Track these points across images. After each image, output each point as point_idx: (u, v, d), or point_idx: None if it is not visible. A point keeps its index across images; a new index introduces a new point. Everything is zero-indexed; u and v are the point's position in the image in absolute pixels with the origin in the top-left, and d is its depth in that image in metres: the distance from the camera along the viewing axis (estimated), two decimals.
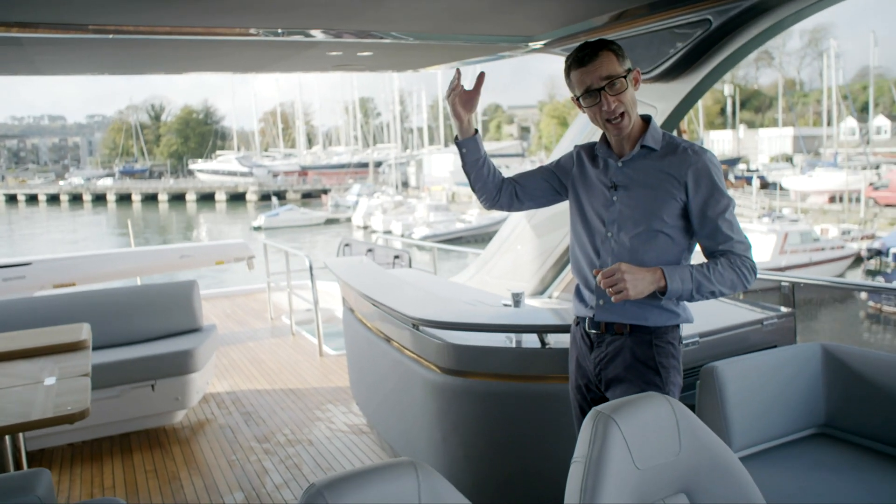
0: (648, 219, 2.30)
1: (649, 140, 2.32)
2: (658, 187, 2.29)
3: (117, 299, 5.41)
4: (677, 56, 3.64)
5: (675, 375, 2.38)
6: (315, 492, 1.41)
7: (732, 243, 2.25)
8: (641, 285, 2.13)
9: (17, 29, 3.07)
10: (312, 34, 3.57)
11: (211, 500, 3.92)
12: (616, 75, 2.22)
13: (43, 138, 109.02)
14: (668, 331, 2.38)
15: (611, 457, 1.70)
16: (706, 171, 2.26)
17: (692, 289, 2.19)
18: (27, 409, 2.75)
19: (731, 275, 2.21)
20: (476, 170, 2.58)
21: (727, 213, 2.26)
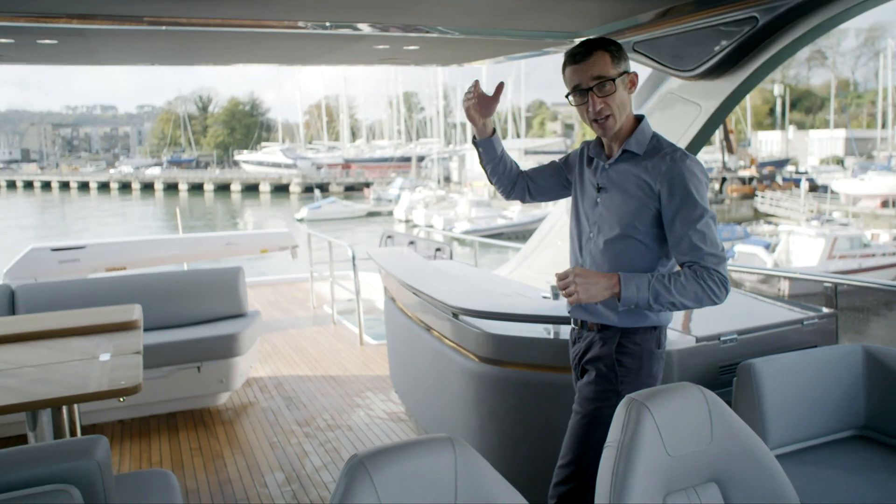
0: (622, 224, 2.30)
1: (632, 144, 2.30)
2: (633, 193, 2.28)
3: (166, 283, 5.58)
4: (722, 54, 3.63)
5: (639, 379, 2.34)
6: (357, 462, 1.49)
7: (702, 255, 2.17)
8: (594, 290, 2.15)
9: (79, 20, 3.21)
10: (360, 28, 3.64)
11: (253, 479, 4.05)
12: (606, 77, 2.21)
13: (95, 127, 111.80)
14: (637, 332, 2.35)
15: (643, 442, 1.74)
16: (681, 178, 2.20)
17: (648, 298, 2.16)
18: (84, 382, 2.89)
19: (695, 287, 2.15)
20: (492, 166, 2.66)
21: (699, 224, 2.18)
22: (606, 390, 2.33)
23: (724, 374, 3.11)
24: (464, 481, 1.55)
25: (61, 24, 3.22)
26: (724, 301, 2.18)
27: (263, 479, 4.04)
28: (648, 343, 2.35)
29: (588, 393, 2.38)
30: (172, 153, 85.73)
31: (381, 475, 1.47)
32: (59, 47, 3.76)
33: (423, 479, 1.51)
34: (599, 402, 2.34)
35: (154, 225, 44.62)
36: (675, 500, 1.81)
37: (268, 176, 62.96)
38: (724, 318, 3.71)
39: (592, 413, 2.35)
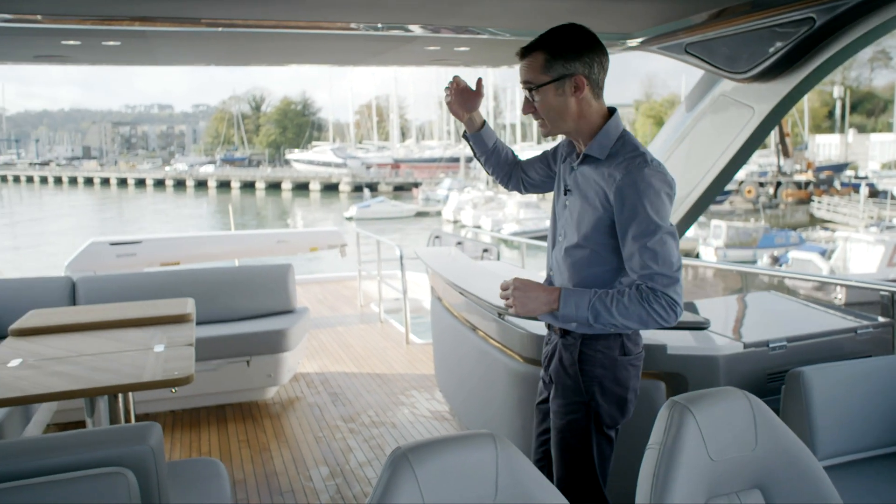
0: (580, 232, 2.19)
1: (593, 147, 2.16)
2: (591, 200, 2.15)
3: (218, 278, 5.71)
4: (777, 55, 3.57)
5: (606, 386, 2.23)
6: (400, 454, 1.52)
7: (652, 274, 2.01)
8: (532, 304, 2.11)
9: (141, 23, 3.33)
10: (411, 29, 3.68)
11: (298, 472, 4.12)
12: (531, 83, 2.14)
13: (152, 126, 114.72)
14: (599, 338, 2.22)
15: (685, 445, 1.73)
16: (635, 189, 2.03)
17: (588, 316, 2.06)
18: (139, 372, 2.99)
19: (639, 310, 2.01)
20: (485, 157, 2.60)
21: (651, 241, 2.01)
22: (574, 402, 2.24)
23: (772, 382, 3.06)
24: (504, 478, 1.57)
25: (124, 26, 3.34)
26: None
27: (308, 473, 4.11)
28: (611, 350, 2.22)
29: (557, 407, 2.30)
30: (226, 151, 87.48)
31: (424, 468, 1.50)
32: (121, 48, 3.89)
33: (464, 473, 1.53)
34: (570, 416, 2.26)
35: (207, 222, 45.59)
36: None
37: (318, 175, 63.76)
38: (774, 324, 3.65)
39: (565, 427, 2.27)
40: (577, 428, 2.24)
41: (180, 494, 2.56)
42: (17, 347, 3.45)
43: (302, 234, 9.65)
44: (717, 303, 4.50)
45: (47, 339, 3.60)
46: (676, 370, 3.00)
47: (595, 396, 2.22)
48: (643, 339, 2.84)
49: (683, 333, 3.16)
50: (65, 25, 3.31)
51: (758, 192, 44.25)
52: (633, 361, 2.27)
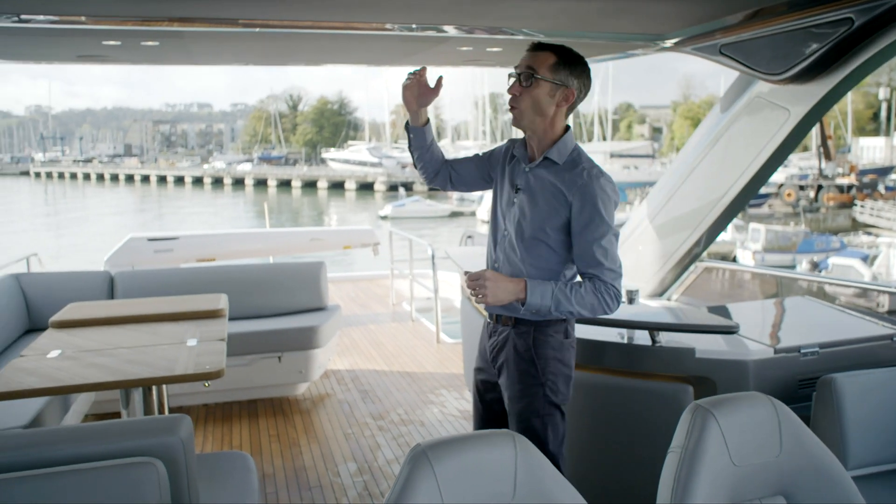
0: (535, 227, 2.41)
1: (553, 153, 2.41)
2: (549, 200, 2.39)
3: (252, 275, 5.80)
4: (814, 57, 3.51)
5: (557, 366, 2.48)
6: (420, 451, 1.54)
7: (602, 269, 2.32)
8: (502, 294, 2.29)
9: (178, 23, 3.39)
10: (445, 30, 3.70)
11: (326, 467, 4.17)
12: (533, 70, 2.34)
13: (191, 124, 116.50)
14: (549, 324, 2.46)
15: (707, 450, 1.73)
16: (592, 195, 2.33)
17: (551, 305, 2.30)
18: (172, 365, 3.05)
19: (593, 299, 2.31)
20: (420, 153, 2.69)
21: (603, 241, 2.32)
22: (531, 384, 2.46)
23: (803, 389, 3.02)
24: (524, 477, 1.58)
25: (163, 27, 3.41)
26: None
27: (336, 469, 4.16)
28: (559, 335, 2.48)
29: (514, 393, 2.50)
30: (263, 150, 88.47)
31: (442, 465, 1.52)
32: (159, 48, 3.97)
33: (483, 472, 1.55)
34: (529, 398, 2.47)
35: (243, 219, 46.16)
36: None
37: (354, 174, 64.12)
38: (807, 329, 3.60)
39: (525, 410, 2.47)
40: (536, 408, 2.46)
41: (209, 486, 2.61)
42: (57, 339, 3.55)
43: (335, 233, 9.74)
44: (750, 307, 4.44)
45: (85, 332, 3.69)
46: (705, 374, 2.97)
47: (549, 377, 2.46)
48: (672, 342, 2.87)
49: (713, 337, 3.13)
50: (106, 26, 3.40)
51: (798, 196, 43.41)
52: (572, 344, 2.56)
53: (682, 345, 3.03)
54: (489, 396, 2.69)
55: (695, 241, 4.70)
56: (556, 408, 2.49)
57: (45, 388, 2.86)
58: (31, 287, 5.29)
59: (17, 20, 3.17)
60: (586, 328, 3.25)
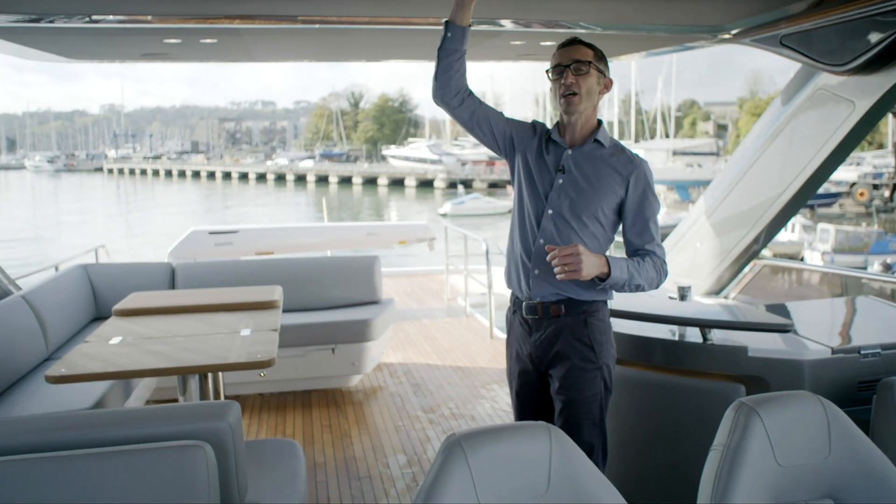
0: (591, 207, 2.50)
1: (601, 136, 2.55)
2: (603, 179, 2.51)
3: (308, 268, 5.90)
4: (881, 46, 3.38)
5: (609, 349, 2.58)
6: (454, 440, 1.54)
7: (655, 245, 2.52)
8: (592, 269, 2.34)
9: (239, 21, 3.48)
10: (502, 24, 3.69)
11: (376, 459, 4.22)
12: (583, 60, 2.47)
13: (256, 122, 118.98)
14: (598, 308, 2.57)
15: (750, 448, 1.69)
16: (645, 176, 2.53)
17: (626, 279, 2.42)
18: (225, 353, 3.14)
19: (653, 273, 2.48)
20: (448, 59, 2.52)
21: (655, 219, 2.53)
22: (590, 370, 2.52)
23: (863, 391, 2.91)
24: (558, 470, 1.57)
25: (222, 24, 3.50)
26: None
27: (386, 460, 4.20)
28: (606, 317, 2.61)
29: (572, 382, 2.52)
30: (325, 147, 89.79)
31: (476, 455, 1.52)
32: (217, 46, 4.08)
33: (516, 463, 1.55)
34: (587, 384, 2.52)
35: (304, 215, 46.93)
36: None
37: (413, 171, 64.44)
38: (869, 330, 3.48)
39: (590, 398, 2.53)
40: (597, 392, 2.54)
41: (257, 470, 2.67)
42: (119, 327, 3.69)
43: (391, 227, 9.84)
44: (809, 306, 4.31)
45: (146, 320, 3.82)
46: (758, 373, 2.90)
47: (605, 360, 2.55)
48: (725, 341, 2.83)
49: (767, 336, 3.05)
50: (167, 25, 3.51)
51: (871, 195, 41.78)
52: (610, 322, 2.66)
53: (734, 343, 2.97)
54: (532, 396, 2.69)
55: (753, 239, 4.59)
56: (610, 392, 2.60)
57: (106, 372, 2.99)
58: (98, 277, 5.50)
59: (88, 20, 3.30)
60: (635, 324, 3.21)
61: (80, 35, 3.72)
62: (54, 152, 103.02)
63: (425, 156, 67.22)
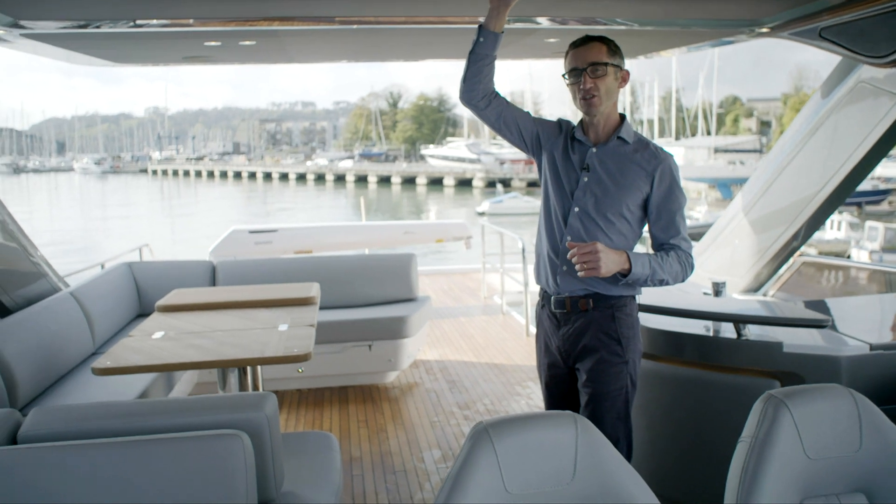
0: (616, 204, 2.53)
1: (624, 133, 2.56)
2: (628, 176, 2.52)
3: (345, 266, 5.98)
4: None
5: (636, 344, 2.61)
6: (482, 429, 1.58)
7: (680, 239, 2.53)
8: (612, 265, 2.37)
9: (278, 22, 3.55)
10: (539, 21, 3.70)
11: (412, 453, 4.27)
12: (599, 62, 2.47)
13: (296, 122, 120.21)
14: (626, 303, 2.58)
15: (778, 440, 1.69)
16: (670, 170, 2.52)
17: (649, 275, 2.45)
18: (263, 347, 3.22)
19: (677, 267, 2.49)
20: (478, 63, 2.55)
21: (681, 214, 2.54)
22: (616, 364, 2.55)
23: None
24: (584, 459, 1.59)
25: (260, 26, 3.58)
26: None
27: (421, 455, 4.25)
28: (634, 311, 2.63)
29: (598, 375, 2.55)
30: (364, 147, 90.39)
31: (503, 443, 1.55)
32: (256, 48, 4.17)
33: (543, 451, 1.57)
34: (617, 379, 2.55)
35: (343, 214, 47.34)
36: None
37: (452, 170, 64.54)
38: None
39: (615, 392, 2.56)
40: (622, 387, 2.57)
41: (293, 462, 2.73)
42: (161, 322, 3.79)
43: (428, 226, 9.89)
44: (849, 302, 4.24)
45: (187, 316, 3.92)
46: (793, 369, 2.87)
47: (631, 354, 2.58)
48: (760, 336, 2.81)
49: (803, 331, 3.02)
50: (207, 28, 3.60)
51: None
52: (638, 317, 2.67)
53: (768, 338, 2.95)
54: (560, 389, 2.73)
55: (792, 235, 4.53)
56: (635, 386, 2.62)
57: (149, 365, 3.08)
58: (142, 274, 5.65)
59: (132, 25, 3.41)
60: (668, 319, 3.21)
61: (124, 39, 3.83)
62: (101, 154, 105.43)
63: (464, 155, 67.27)
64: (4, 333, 3.77)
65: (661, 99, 64.53)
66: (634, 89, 64.55)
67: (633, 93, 64.32)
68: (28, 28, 3.32)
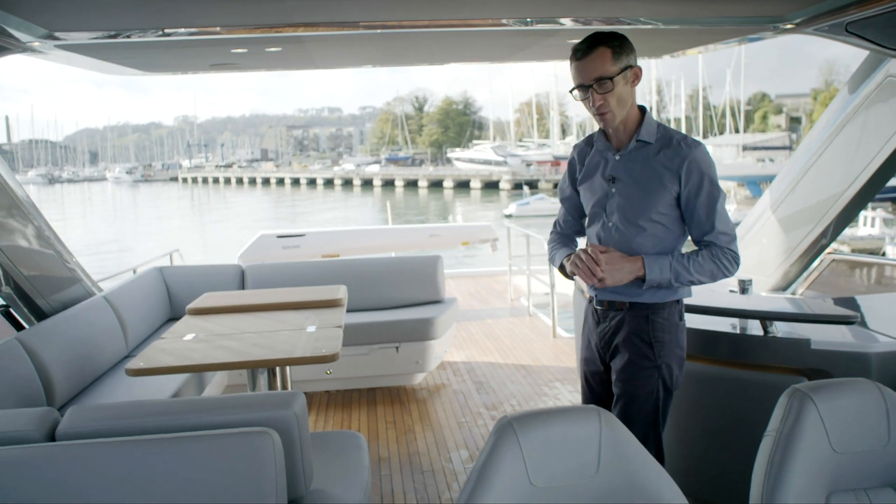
0: (645, 210, 2.45)
1: (644, 134, 2.46)
2: (654, 180, 2.43)
3: (372, 269, 6.03)
4: None
5: (674, 349, 2.51)
6: (506, 422, 1.60)
7: (716, 234, 2.40)
8: (619, 275, 2.38)
9: (303, 28, 3.60)
10: (562, 22, 3.70)
11: (439, 453, 4.30)
12: (604, 76, 2.34)
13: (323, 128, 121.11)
14: (665, 307, 2.49)
15: (804, 434, 1.69)
16: (697, 163, 2.39)
17: (670, 278, 2.39)
18: (292, 349, 3.27)
19: (711, 266, 2.39)
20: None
21: (716, 205, 2.40)
22: (646, 367, 2.49)
23: None
24: (608, 453, 1.60)
25: (285, 32, 3.63)
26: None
27: (449, 455, 4.27)
28: (674, 316, 2.52)
29: (628, 376, 2.52)
30: (390, 151, 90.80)
31: (527, 436, 1.57)
32: (282, 54, 4.23)
33: (566, 444, 1.59)
34: (645, 381, 2.50)
35: (370, 218, 47.55)
36: (842, 501, 1.72)
37: (479, 173, 64.56)
38: None
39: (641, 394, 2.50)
40: (651, 391, 2.49)
41: (322, 460, 2.77)
42: (192, 324, 3.87)
43: (454, 229, 9.92)
44: (881, 299, 4.19)
45: (217, 318, 3.99)
46: (821, 367, 2.85)
47: (665, 359, 2.49)
48: (787, 333, 2.78)
49: (831, 328, 3.00)
50: (234, 35, 3.66)
51: None
52: (685, 325, 2.59)
53: (796, 335, 2.93)
54: (599, 387, 2.71)
55: (820, 233, 4.48)
56: (669, 392, 2.54)
57: (180, 366, 3.15)
58: (173, 279, 5.75)
59: (161, 34, 3.48)
60: (693, 317, 3.19)
61: (154, 48, 3.91)
62: (132, 164, 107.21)
63: (490, 157, 67.26)
64: (42, 336, 3.87)
65: (687, 97, 63.94)
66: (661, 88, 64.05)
67: (660, 91, 63.80)
68: (62, 39, 3.41)
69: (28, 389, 3.58)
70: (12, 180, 3.98)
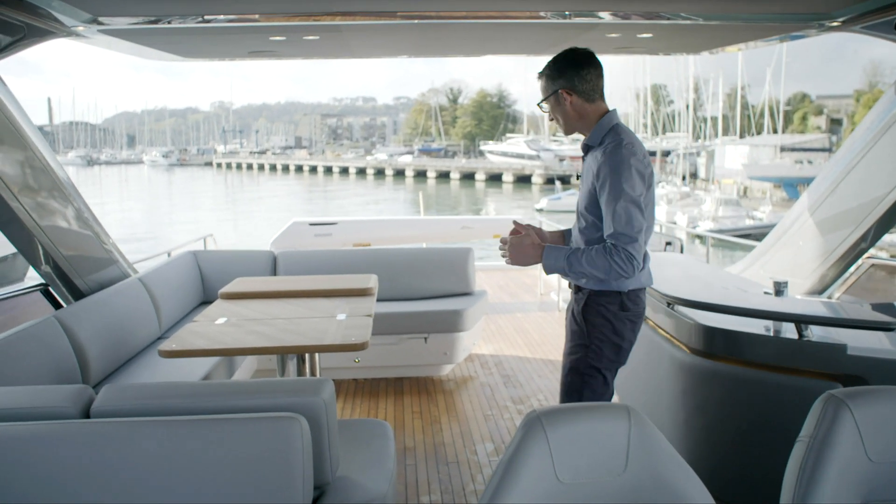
0: (583, 206, 2.74)
1: (591, 139, 2.72)
2: (587, 177, 2.70)
3: (402, 259, 6.04)
4: None
5: (608, 333, 2.71)
6: (535, 417, 1.59)
7: (615, 234, 2.54)
8: (522, 258, 2.71)
9: (341, 17, 3.62)
10: (601, 16, 3.67)
11: (465, 445, 4.31)
12: (541, 101, 2.78)
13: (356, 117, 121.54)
14: (602, 295, 2.71)
15: (838, 441, 1.66)
16: (609, 165, 2.55)
17: (564, 266, 2.62)
18: (322, 336, 3.29)
19: (603, 261, 2.54)
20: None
21: (617, 206, 2.52)
22: (577, 344, 2.77)
23: None
24: (637, 451, 1.59)
25: (324, 21, 3.65)
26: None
27: (474, 447, 4.28)
28: (612, 306, 2.70)
29: (566, 350, 2.85)
30: (423, 142, 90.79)
31: (556, 432, 1.57)
32: (319, 42, 4.25)
33: (595, 441, 1.58)
34: (574, 356, 2.78)
35: (402, 209, 47.70)
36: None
37: (511, 166, 64.28)
38: None
39: (569, 367, 2.80)
40: (577, 366, 2.76)
41: (348, 448, 2.79)
42: (224, 308, 3.91)
43: (486, 221, 9.91)
44: None
45: (249, 303, 4.04)
46: (857, 373, 2.80)
47: (595, 341, 2.73)
48: (823, 338, 2.74)
49: (868, 334, 2.95)
50: (273, 23, 3.69)
51: None
52: (630, 317, 2.74)
53: (831, 340, 2.88)
54: None
55: (860, 237, 4.39)
56: (598, 371, 2.75)
57: (212, 349, 3.19)
58: (206, 263, 5.82)
59: (201, 20, 3.52)
60: (725, 318, 3.16)
61: (193, 34, 3.96)
62: (169, 148, 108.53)
63: (523, 151, 66.93)
64: (78, 315, 3.95)
65: (725, 96, 62.97)
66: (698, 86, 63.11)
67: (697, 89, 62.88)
68: (105, 24, 3.46)
69: (64, 367, 3.66)
70: (54, 162, 4.05)
